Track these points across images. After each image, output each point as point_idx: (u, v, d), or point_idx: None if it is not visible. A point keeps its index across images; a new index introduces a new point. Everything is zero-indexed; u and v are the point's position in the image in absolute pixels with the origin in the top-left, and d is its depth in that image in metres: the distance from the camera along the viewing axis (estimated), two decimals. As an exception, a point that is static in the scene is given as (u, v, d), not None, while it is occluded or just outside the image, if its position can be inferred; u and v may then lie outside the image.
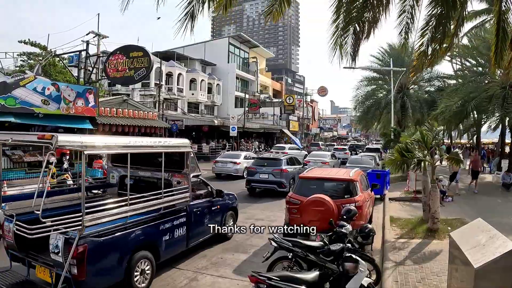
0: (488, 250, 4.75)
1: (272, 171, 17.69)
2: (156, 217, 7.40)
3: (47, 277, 6.24)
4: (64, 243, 5.80)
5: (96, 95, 23.27)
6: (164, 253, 7.60)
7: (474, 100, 22.33)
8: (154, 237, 7.30)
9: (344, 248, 5.89)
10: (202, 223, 8.94)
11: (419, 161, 11.29)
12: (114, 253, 6.41)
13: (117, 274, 6.46)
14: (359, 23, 6.76)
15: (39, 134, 6.48)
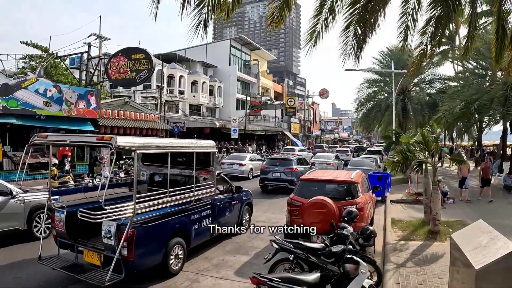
0: (489, 252, 4.75)
1: (284, 170, 19.26)
2: (187, 208, 8.39)
3: (95, 260, 7.11)
4: (116, 229, 6.68)
5: (98, 97, 23.32)
6: (194, 240, 8.56)
7: (476, 102, 22.33)
8: (186, 225, 8.28)
9: (345, 249, 5.89)
10: (224, 215, 10.01)
11: (420, 163, 11.29)
12: (156, 238, 7.33)
13: (157, 257, 7.38)
14: (361, 25, 6.78)
15: (98, 136, 7.68)
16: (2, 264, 8.16)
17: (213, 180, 9.42)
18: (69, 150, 22.41)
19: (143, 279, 7.37)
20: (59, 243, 7.74)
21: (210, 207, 9.19)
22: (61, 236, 7.61)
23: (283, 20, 7.04)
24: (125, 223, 6.67)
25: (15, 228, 9.42)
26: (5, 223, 9.18)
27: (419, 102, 32.79)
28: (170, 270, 7.62)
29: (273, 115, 57.51)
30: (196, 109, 50.98)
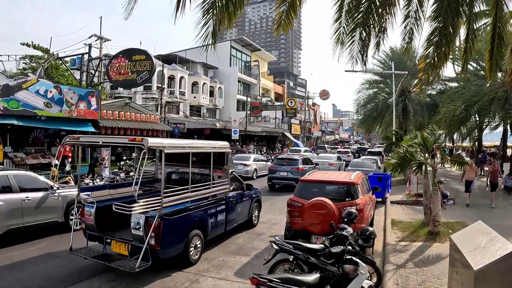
0: (488, 253, 4.76)
1: (291, 169, 20.63)
2: (205, 203, 9.12)
3: (122, 250, 7.80)
4: (144, 221, 7.36)
5: (99, 98, 23.33)
6: (210, 233, 9.28)
7: (476, 103, 22.36)
8: (204, 219, 9.02)
9: (345, 250, 5.91)
10: (237, 210, 10.77)
11: (420, 164, 11.31)
12: (178, 230, 8.09)
13: (179, 247, 8.12)
14: (365, 29, 6.77)
15: (130, 137, 8.67)
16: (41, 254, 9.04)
17: (227, 178, 10.29)
18: (70, 151, 22.43)
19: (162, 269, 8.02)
20: (88, 236, 8.46)
21: (224, 203, 9.95)
22: (90, 229, 8.36)
23: (290, 23, 7.04)
24: (153, 216, 7.36)
25: (54, 220, 10.51)
26: (46, 215, 10.28)
27: (420, 103, 32.83)
28: (190, 259, 8.36)
29: (274, 116, 57.56)
30: (196, 110, 51.02)
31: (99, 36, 26.63)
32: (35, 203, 10.03)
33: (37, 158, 20.41)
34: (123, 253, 7.78)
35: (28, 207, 9.81)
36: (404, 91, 32.36)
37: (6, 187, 9.62)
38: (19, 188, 9.86)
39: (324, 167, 25.40)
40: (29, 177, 10.57)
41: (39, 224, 10.15)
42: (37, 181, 10.62)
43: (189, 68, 50.52)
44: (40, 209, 10.14)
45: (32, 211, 9.94)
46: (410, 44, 7.13)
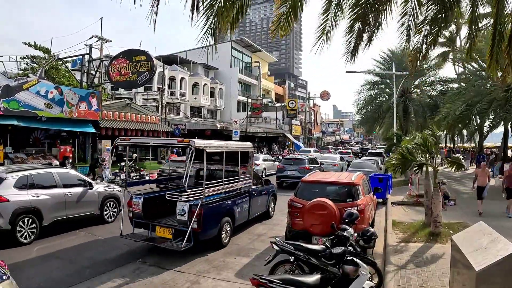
0: (489, 253, 4.74)
1: (298, 169, 21.73)
2: (233, 195, 10.66)
3: (166, 234, 9.16)
4: (188, 208, 8.79)
5: (99, 99, 23.37)
6: (237, 221, 10.76)
7: (477, 104, 22.33)
8: (233, 208, 10.48)
9: (346, 251, 5.89)
10: (257, 202, 12.26)
11: (421, 165, 11.28)
12: (214, 216, 9.49)
13: (214, 231, 9.51)
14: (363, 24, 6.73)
15: (178, 139, 10.40)
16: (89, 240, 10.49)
17: (250, 174, 11.89)
18: (70, 152, 22.45)
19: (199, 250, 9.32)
20: (134, 223, 9.81)
21: (248, 195, 11.47)
22: (137, 217, 9.71)
23: (289, 26, 6.74)
24: (196, 204, 8.76)
25: (92, 213, 11.81)
26: (85, 208, 11.56)
27: (420, 104, 32.82)
28: (222, 242, 9.75)
29: (274, 117, 57.53)
30: (197, 111, 51.01)
31: (100, 37, 26.65)
32: (76, 197, 11.26)
33: (38, 158, 20.42)
34: (167, 236, 9.14)
35: (70, 201, 11.02)
36: (405, 92, 32.36)
37: (52, 183, 10.77)
38: (63, 184, 11.05)
39: (328, 167, 26.40)
40: (70, 174, 11.90)
41: (79, 217, 11.40)
42: (77, 177, 11.97)
43: (190, 69, 50.52)
44: (80, 203, 11.39)
45: (74, 204, 11.17)
46: (409, 41, 7.09)
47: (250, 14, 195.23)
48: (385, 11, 6.57)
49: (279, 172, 22.73)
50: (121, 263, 8.30)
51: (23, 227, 9.69)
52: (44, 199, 10.25)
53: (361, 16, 6.58)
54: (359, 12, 6.57)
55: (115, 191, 12.70)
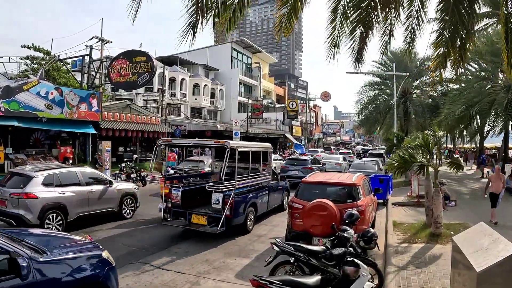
0: (490, 254, 4.72)
1: (301, 169, 22.74)
2: (256, 188, 12.38)
3: (201, 221, 10.73)
4: (222, 198, 10.39)
5: (99, 100, 23.37)
6: (259, 210, 12.33)
7: (477, 104, 22.29)
8: (256, 199, 12.12)
9: (346, 252, 5.87)
10: (274, 196, 13.86)
11: (421, 166, 11.26)
12: (242, 205, 11.13)
13: (242, 218, 11.17)
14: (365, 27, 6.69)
15: (215, 140, 12.48)
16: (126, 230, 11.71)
17: (270, 171, 13.77)
18: (71, 153, 22.45)
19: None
20: (173, 212, 11.31)
21: (267, 189, 13.18)
22: (176, 207, 11.23)
23: (291, 27, 6.84)
24: (229, 194, 10.51)
25: (111, 209, 12.62)
26: (106, 205, 12.39)
27: (421, 105, 32.81)
28: (247, 228, 11.45)
29: (275, 118, 57.53)
30: (197, 112, 51.00)
31: (100, 38, 26.67)
32: (97, 194, 12.09)
33: (38, 159, 20.41)
34: (202, 223, 10.68)
35: (92, 198, 11.86)
36: (405, 92, 32.34)
37: (76, 181, 11.62)
38: (85, 182, 11.90)
39: (332, 167, 27.98)
40: (92, 173, 12.74)
41: (100, 212, 12.18)
42: (99, 176, 12.87)
43: (190, 70, 50.50)
44: (101, 200, 12.22)
45: (95, 201, 11.99)
46: (412, 44, 7.05)
47: (250, 15, 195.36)
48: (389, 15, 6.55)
49: (282, 172, 23.01)
50: (121, 264, 8.29)
51: (50, 222, 10.41)
52: (69, 196, 11.07)
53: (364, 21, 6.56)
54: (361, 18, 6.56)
55: (133, 189, 13.70)
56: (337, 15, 6.71)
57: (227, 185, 10.68)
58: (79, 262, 5.10)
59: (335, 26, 6.78)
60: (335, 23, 6.78)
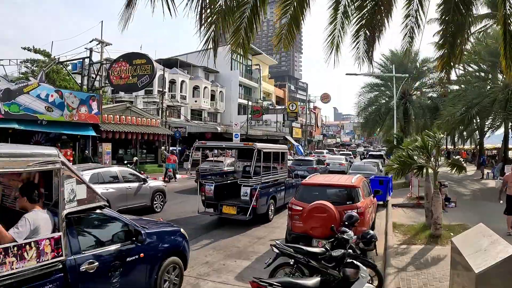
0: (489, 255, 4.73)
1: (307, 169, 24.58)
2: (275, 184, 14.17)
3: (231, 211, 12.69)
4: (250, 191, 12.29)
5: (100, 102, 23.39)
6: (277, 203, 14.08)
7: (477, 106, 22.32)
8: (275, 193, 14.00)
9: (346, 254, 5.88)
10: (290, 191, 15.18)
11: (420, 167, 11.27)
12: (265, 197, 13.03)
13: (264, 208, 13.03)
14: (369, 29, 6.66)
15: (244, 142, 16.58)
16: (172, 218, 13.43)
17: (286, 169, 15.87)
18: (71, 155, 22.46)
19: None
20: (206, 204, 13.23)
21: (284, 185, 14.94)
22: (209, 199, 13.09)
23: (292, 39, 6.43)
24: (255, 188, 12.34)
25: (144, 204, 14.16)
26: (140, 200, 13.97)
27: (421, 106, 32.81)
28: (269, 218, 13.32)
29: (275, 120, 57.50)
30: (197, 114, 51.01)
31: (100, 40, 26.70)
32: (133, 191, 13.70)
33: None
34: (232, 213, 12.65)
35: (129, 194, 13.45)
36: (405, 94, 32.37)
37: (116, 179, 13.27)
38: (124, 180, 13.55)
39: (336, 167, 30.41)
40: (129, 172, 14.62)
41: (136, 207, 13.45)
42: (135, 174, 14.63)
43: (190, 72, 50.50)
44: (137, 196, 13.83)
45: (132, 196, 13.57)
46: (411, 44, 7.04)
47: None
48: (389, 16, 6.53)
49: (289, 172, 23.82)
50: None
51: None
52: (111, 192, 12.51)
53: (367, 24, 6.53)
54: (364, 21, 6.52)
55: (162, 186, 15.60)
56: (337, 14, 6.66)
57: (255, 180, 12.52)
58: (168, 234, 6.94)
59: (336, 25, 6.73)
60: (335, 22, 6.73)
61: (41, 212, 4.72)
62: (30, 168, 4.48)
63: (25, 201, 4.77)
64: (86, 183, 5.30)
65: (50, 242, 4.50)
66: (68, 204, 4.84)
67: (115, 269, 5.50)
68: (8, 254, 4.08)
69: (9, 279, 4.10)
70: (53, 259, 4.53)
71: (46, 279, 4.51)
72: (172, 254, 6.75)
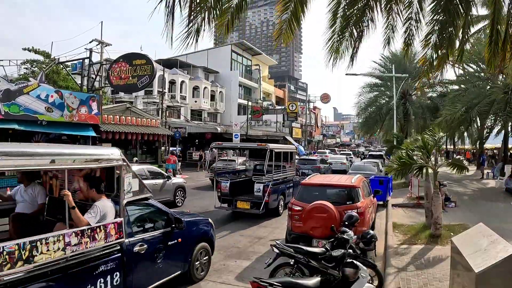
0: (489, 255, 4.74)
1: (312, 168, 25.89)
2: (284, 181, 15.27)
3: (245, 205, 13.76)
4: (262, 187, 13.44)
5: (99, 103, 23.34)
6: (286, 199, 14.66)
7: (477, 106, 22.31)
8: (284, 189, 14.98)
9: (346, 254, 5.89)
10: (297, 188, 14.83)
11: (420, 167, 11.26)
12: (275, 193, 14.10)
13: (275, 203, 14.14)
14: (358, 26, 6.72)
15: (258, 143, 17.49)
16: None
17: (294, 167, 17.23)
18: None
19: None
20: (222, 200, 14.34)
21: (292, 182, 15.94)
22: (225, 195, 14.22)
23: (292, 34, 6.66)
24: (268, 184, 13.51)
25: (168, 199, 15.08)
26: (164, 195, 14.94)
27: (421, 106, 32.82)
28: (279, 212, 14.33)
29: (275, 120, 57.52)
30: (197, 114, 51.04)
31: (100, 40, 26.68)
32: (159, 186, 14.93)
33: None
34: (245, 207, 13.73)
35: (155, 189, 13.91)
36: (405, 94, 32.35)
37: (143, 176, 14.09)
38: (150, 177, 14.78)
39: (338, 165, 32.56)
40: (154, 169, 16.01)
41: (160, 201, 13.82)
42: (159, 171, 16.09)
43: (190, 72, 50.54)
44: (161, 191, 14.91)
45: (157, 192, 14.19)
46: (411, 45, 7.06)
47: (249, 17, 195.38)
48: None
49: None
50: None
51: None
52: None
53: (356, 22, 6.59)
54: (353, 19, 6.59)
55: (183, 183, 17.02)
56: (337, 19, 6.71)
57: (267, 178, 13.66)
58: (199, 223, 7.97)
59: (335, 29, 6.77)
60: (335, 26, 6.78)
61: (107, 201, 5.66)
62: (101, 165, 5.58)
63: (94, 192, 5.65)
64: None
65: (114, 226, 5.50)
66: (126, 195, 5.86)
67: (159, 251, 6.35)
68: (84, 235, 5.00)
69: (83, 256, 5.00)
70: (116, 240, 5.51)
71: (108, 258, 5.39)
72: (202, 240, 7.71)
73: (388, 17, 6.73)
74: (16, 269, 4.27)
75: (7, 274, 4.20)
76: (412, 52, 7.82)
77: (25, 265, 4.36)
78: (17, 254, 4.30)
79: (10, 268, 4.24)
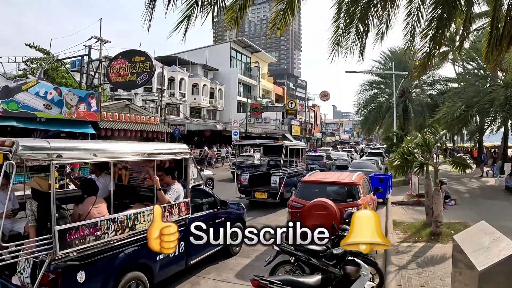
0: (492, 253, 4.69)
1: (318, 163, 28.45)
2: (296, 174, 16.55)
3: (262, 196, 15.40)
4: (278, 180, 15.01)
5: (98, 100, 23.28)
6: None
7: (477, 104, 22.28)
8: (296, 182, 15.14)
9: (347, 251, 5.84)
10: None
11: (421, 165, 11.23)
12: (289, 185, 15.36)
13: (289, 194, 14.74)
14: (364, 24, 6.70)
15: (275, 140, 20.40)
16: None
17: (304, 162, 19.30)
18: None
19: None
20: (241, 191, 15.84)
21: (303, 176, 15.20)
22: (244, 187, 15.79)
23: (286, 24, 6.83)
24: (283, 177, 15.07)
25: None
26: None
27: (420, 104, 32.81)
28: None
29: (274, 118, 57.46)
30: (197, 112, 50.96)
31: (99, 38, 26.60)
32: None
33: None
34: (263, 197, 15.36)
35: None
36: (405, 91, 32.34)
37: None
38: None
39: (340, 162, 34.53)
40: None
41: None
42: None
43: (189, 69, 50.44)
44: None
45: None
46: (412, 42, 7.03)
47: (249, 14, 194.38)
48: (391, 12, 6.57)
49: None
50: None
51: None
52: None
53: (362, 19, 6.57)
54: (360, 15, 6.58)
55: (212, 175, 19.25)
56: (341, 14, 6.69)
57: (283, 171, 15.33)
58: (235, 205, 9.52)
59: (339, 25, 6.75)
60: (339, 21, 6.75)
61: (179, 185, 7.29)
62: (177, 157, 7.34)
63: (169, 178, 7.25)
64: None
65: (184, 204, 7.23)
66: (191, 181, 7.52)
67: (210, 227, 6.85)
68: (166, 210, 6.65)
69: None
70: (185, 216, 7.19)
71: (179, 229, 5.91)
72: (238, 221, 9.01)
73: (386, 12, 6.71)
74: (125, 234, 5.90)
75: (120, 238, 5.81)
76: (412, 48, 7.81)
77: (130, 231, 5.98)
78: (126, 223, 5.94)
79: (121, 233, 5.85)
